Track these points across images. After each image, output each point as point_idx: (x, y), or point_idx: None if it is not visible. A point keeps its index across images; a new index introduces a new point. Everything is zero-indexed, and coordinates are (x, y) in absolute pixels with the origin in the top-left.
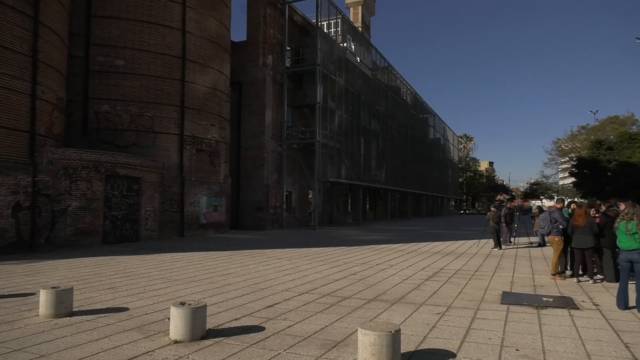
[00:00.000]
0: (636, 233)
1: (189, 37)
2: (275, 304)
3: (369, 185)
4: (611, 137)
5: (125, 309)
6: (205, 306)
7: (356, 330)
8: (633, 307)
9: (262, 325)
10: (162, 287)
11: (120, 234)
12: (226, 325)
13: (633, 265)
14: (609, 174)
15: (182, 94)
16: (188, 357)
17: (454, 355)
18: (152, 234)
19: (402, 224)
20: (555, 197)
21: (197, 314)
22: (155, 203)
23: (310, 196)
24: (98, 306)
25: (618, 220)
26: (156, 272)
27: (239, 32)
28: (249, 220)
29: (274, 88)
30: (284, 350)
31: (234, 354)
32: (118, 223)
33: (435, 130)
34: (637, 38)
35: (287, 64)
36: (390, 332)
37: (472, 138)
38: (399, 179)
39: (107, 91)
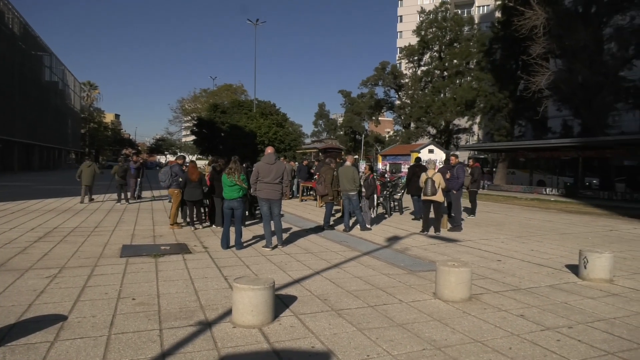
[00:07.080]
0: (235, 185)
1: None
2: None
3: None
4: (225, 102)
5: None
6: None
7: None
8: (233, 246)
9: None
10: None
11: None
12: None
13: (234, 211)
14: (222, 134)
15: None
16: None
17: (65, 318)
18: None
19: (6, 180)
20: (178, 153)
21: None
22: None
23: None
24: None
25: (225, 174)
26: None
27: None
28: None
29: None
30: None
31: None
32: None
33: (52, 73)
34: (248, 20)
35: None
36: None
37: (97, 87)
38: (3, 126)
39: None
